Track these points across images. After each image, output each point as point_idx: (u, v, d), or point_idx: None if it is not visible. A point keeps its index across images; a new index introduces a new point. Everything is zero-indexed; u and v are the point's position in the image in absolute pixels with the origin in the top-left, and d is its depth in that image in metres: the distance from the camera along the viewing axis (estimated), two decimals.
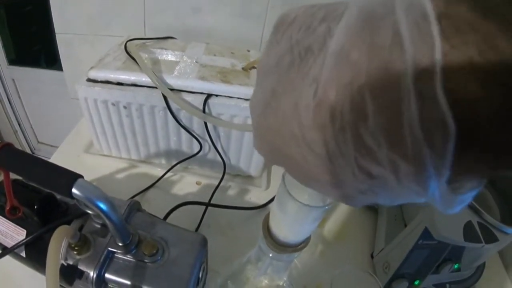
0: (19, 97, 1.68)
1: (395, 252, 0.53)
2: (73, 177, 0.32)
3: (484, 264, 0.59)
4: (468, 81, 0.11)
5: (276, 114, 0.18)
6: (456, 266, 0.51)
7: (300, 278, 0.56)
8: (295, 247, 0.33)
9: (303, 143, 0.16)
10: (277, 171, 0.75)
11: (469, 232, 0.45)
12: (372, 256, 0.60)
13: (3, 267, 0.50)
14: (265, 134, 0.20)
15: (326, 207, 0.29)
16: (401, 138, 0.13)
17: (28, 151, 1.84)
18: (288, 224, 0.32)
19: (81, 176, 0.33)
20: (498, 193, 0.56)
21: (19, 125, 1.79)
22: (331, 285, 0.45)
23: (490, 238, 0.45)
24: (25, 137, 1.85)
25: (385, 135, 0.13)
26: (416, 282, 0.52)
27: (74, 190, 0.31)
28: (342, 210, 0.69)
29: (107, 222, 0.34)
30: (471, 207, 0.47)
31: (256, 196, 0.69)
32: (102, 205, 0.32)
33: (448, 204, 0.15)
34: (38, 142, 1.90)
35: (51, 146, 1.87)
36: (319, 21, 0.17)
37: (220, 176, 0.69)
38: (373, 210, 0.69)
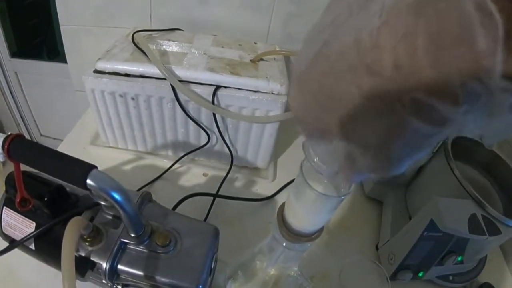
0: (22, 89, 1.68)
1: (400, 244, 0.53)
2: (87, 168, 0.32)
3: (486, 257, 0.59)
4: None
5: (328, 58, 0.19)
6: (459, 258, 0.51)
7: (306, 268, 0.56)
8: (309, 237, 0.34)
9: (360, 70, 0.17)
10: (284, 163, 0.75)
11: (473, 224, 0.45)
12: (377, 248, 0.60)
13: (8, 260, 0.50)
14: (309, 83, 0.21)
15: (342, 197, 0.29)
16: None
17: None
18: (305, 213, 0.32)
19: (95, 167, 0.33)
20: (501, 187, 0.57)
21: (21, 118, 1.78)
22: (341, 273, 0.45)
23: (494, 230, 0.46)
24: (27, 130, 1.84)
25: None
26: (420, 274, 0.53)
27: (88, 181, 0.31)
28: (348, 201, 0.69)
29: (121, 213, 0.34)
30: (475, 200, 0.47)
31: (263, 188, 0.69)
32: (117, 196, 0.32)
33: (497, 108, 0.15)
34: (41, 135, 1.90)
35: (54, 139, 1.86)
36: None
37: (227, 167, 0.69)
38: (378, 202, 0.69)
